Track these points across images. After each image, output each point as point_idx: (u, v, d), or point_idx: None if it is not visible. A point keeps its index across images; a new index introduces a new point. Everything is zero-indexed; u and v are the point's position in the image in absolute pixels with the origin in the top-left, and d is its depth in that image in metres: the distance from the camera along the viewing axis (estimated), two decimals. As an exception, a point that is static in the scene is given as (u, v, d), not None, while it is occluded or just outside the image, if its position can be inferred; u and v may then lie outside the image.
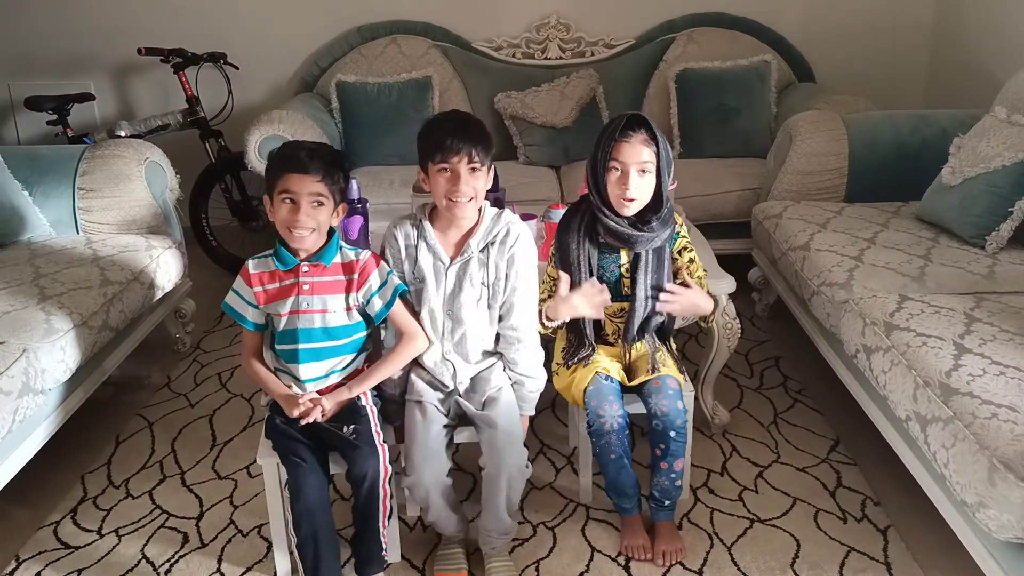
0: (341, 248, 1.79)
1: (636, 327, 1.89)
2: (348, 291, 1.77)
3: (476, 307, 1.80)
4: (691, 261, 1.92)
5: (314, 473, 1.71)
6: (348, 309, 1.77)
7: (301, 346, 1.76)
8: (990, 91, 2.69)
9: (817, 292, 2.27)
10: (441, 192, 1.72)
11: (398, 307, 1.79)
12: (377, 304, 1.77)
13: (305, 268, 1.75)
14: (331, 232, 1.78)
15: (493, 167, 1.78)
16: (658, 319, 1.92)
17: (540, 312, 1.87)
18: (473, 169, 1.70)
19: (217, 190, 3.66)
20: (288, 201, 1.70)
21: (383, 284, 1.77)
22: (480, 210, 1.80)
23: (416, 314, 1.82)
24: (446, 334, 1.82)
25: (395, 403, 1.87)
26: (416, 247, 1.80)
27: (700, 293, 1.88)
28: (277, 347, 1.80)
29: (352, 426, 1.73)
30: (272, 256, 1.78)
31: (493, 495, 1.77)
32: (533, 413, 1.91)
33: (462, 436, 1.88)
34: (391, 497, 1.76)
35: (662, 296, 1.84)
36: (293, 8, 3.88)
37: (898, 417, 1.80)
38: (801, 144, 2.86)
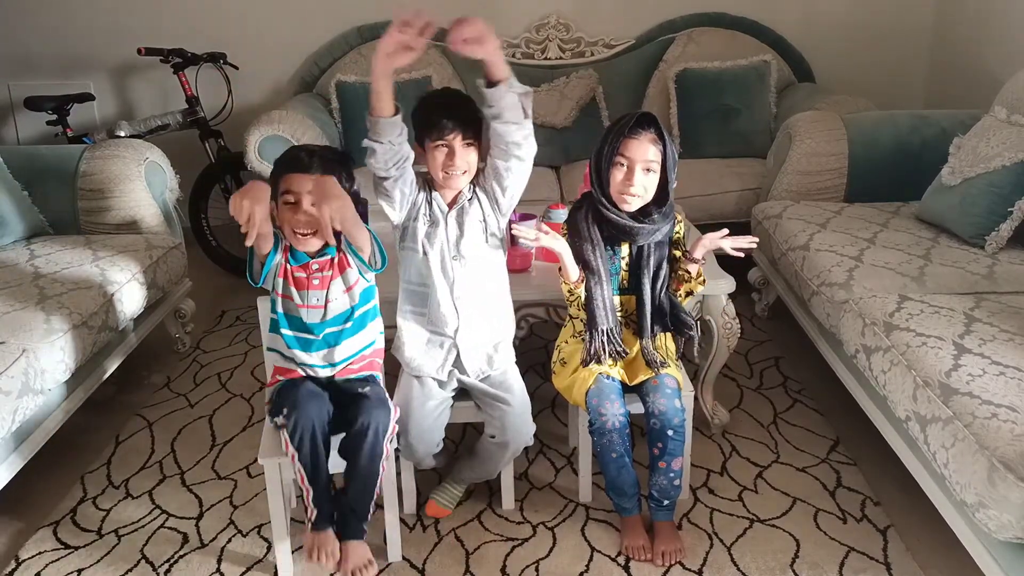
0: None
1: (648, 320, 1.89)
2: (343, 271, 1.78)
3: (482, 244, 1.87)
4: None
5: (316, 401, 1.72)
6: (348, 289, 1.79)
7: (313, 336, 1.79)
8: (990, 91, 2.69)
9: (817, 292, 2.27)
10: (438, 166, 1.80)
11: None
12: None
13: (315, 266, 1.77)
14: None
15: (486, 139, 1.82)
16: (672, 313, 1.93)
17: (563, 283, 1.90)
18: (468, 144, 1.79)
19: (217, 190, 3.66)
20: (290, 201, 1.70)
21: None
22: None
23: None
24: (452, 271, 1.85)
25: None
26: (429, 193, 1.86)
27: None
28: (284, 332, 1.80)
29: (368, 387, 1.78)
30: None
31: (495, 459, 1.95)
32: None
33: (463, 415, 1.95)
34: (390, 458, 1.77)
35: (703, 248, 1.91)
36: (293, 8, 3.89)
37: (898, 417, 1.81)
38: (801, 144, 2.87)
